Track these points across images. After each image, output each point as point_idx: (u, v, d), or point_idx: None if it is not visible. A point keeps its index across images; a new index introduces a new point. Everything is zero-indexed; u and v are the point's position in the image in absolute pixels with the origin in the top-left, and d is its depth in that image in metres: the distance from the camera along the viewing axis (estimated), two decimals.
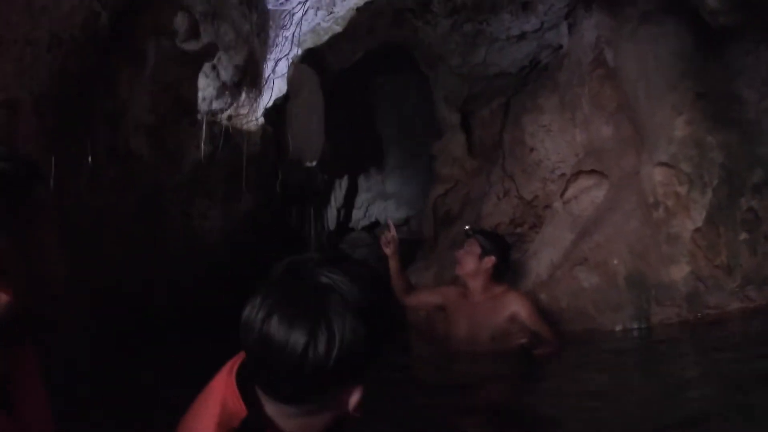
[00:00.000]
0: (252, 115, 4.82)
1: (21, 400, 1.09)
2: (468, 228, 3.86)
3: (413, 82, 8.57)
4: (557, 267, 4.08)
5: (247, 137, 4.87)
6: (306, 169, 6.37)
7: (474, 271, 3.56)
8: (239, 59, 4.15)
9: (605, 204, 4.11)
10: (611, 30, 4.30)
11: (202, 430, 1.06)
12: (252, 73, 4.50)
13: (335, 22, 5.08)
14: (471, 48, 5.52)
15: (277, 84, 5.08)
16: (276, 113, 5.48)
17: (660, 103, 3.81)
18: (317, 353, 0.98)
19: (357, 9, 4.90)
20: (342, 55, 6.46)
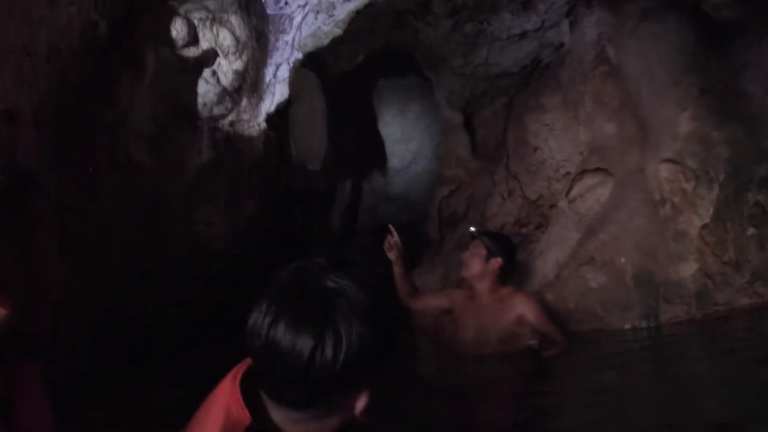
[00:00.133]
0: (254, 121, 4.80)
1: (22, 412, 1.08)
2: (473, 229, 3.84)
3: (415, 83, 8.59)
4: (564, 267, 4.05)
5: (249, 142, 4.86)
6: (309, 173, 6.36)
7: (480, 273, 3.54)
8: (239, 64, 4.14)
9: (611, 202, 4.08)
10: (613, 27, 4.28)
11: None
12: (252, 78, 4.48)
13: (336, 25, 5.06)
14: (472, 48, 5.50)
15: (279, 89, 5.06)
16: (278, 118, 5.46)
17: (664, 100, 3.79)
18: (324, 358, 0.97)
19: (357, 11, 4.88)
20: (343, 59, 6.44)
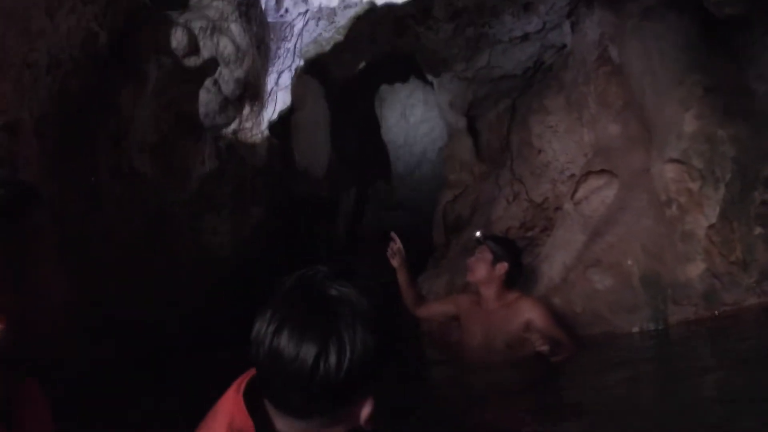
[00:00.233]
0: (256, 129, 4.80)
1: (24, 426, 1.07)
2: (479, 234, 3.81)
3: (418, 88, 8.60)
4: (570, 270, 4.01)
5: (253, 150, 4.86)
6: (313, 180, 6.36)
7: (486, 279, 3.51)
8: (240, 73, 4.14)
9: (616, 203, 4.05)
10: (614, 27, 4.26)
11: None
12: (254, 86, 4.48)
13: (337, 31, 5.06)
14: (474, 52, 5.50)
15: (281, 96, 5.06)
16: (281, 125, 5.47)
17: (667, 99, 3.77)
18: (328, 365, 0.97)
19: (358, 17, 4.88)
20: (345, 65, 6.44)
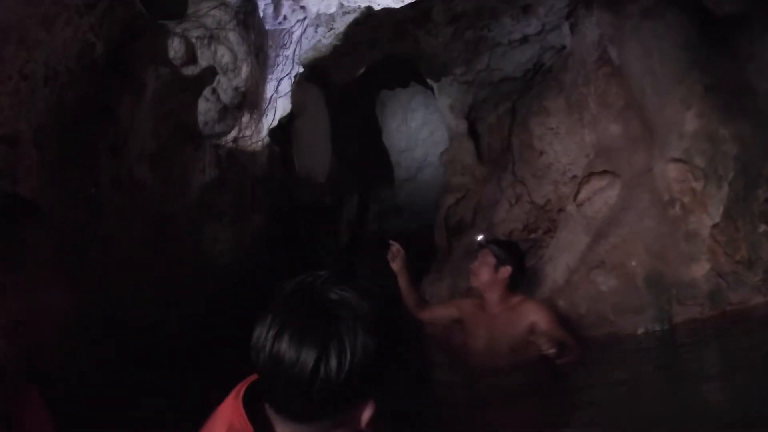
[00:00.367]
0: (256, 136, 4.80)
1: (24, 427, 1.09)
2: (481, 238, 3.80)
3: (418, 92, 8.61)
4: (574, 272, 3.99)
5: (253, 158, 4.86)
6: (315, 186, 6.35)
7: (490, 282, 3.50)
8: (239, 81, 4.14)
9: (619, 204, 4.03)
10: (613, 27, 4.25)
11: None
12: (253, 94, 4.48)
13: (336, 38, 5.07)
14: (474, 55, 5.51)
15: (281, 103, 5.06)
16: (281, 132, 5.47)
17: (668, 98, 3.75)
18: (328, 369, 0.97)
19: (357, 23, 4.88)
20: (345, 71, 6.44)
